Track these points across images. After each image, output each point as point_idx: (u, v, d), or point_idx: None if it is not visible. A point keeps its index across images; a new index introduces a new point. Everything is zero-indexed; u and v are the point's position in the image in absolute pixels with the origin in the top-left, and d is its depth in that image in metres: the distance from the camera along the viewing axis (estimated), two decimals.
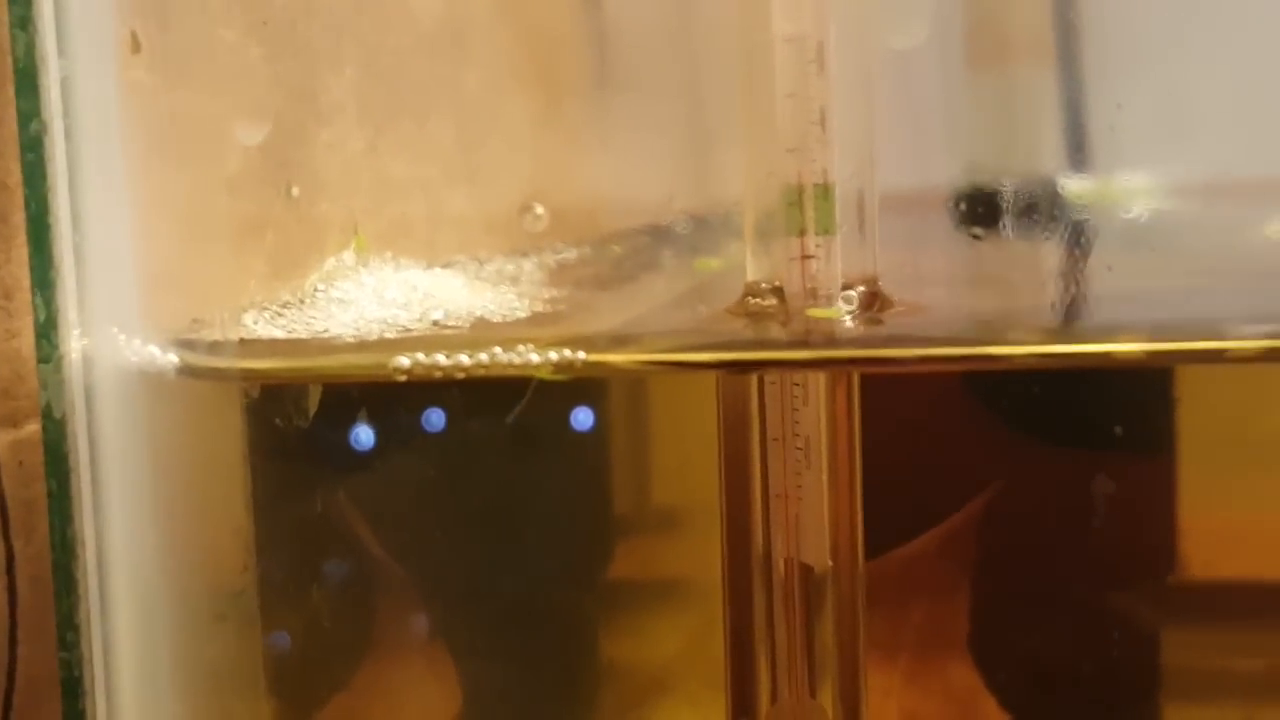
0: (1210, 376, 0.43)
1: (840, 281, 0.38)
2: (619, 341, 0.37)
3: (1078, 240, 0.51)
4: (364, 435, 0.42)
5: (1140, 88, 0.53)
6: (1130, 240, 0.52)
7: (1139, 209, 0.53)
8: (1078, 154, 0.55)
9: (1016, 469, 0.46)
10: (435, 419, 0.42)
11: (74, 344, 0.34)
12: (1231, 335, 0.34)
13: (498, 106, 0.49)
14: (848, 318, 0.37)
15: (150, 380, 0.35)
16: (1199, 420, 0.45)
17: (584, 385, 0.44)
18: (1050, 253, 0.50)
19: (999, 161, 0.53)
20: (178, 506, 0.37)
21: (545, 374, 0.34)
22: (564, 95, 0.52)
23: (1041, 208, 0.52)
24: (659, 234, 0.53)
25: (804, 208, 0.38)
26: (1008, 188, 0.52)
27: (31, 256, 0.34)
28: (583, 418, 0.44)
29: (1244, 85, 0.52)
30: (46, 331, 0.34)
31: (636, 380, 0.44)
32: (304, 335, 0.37)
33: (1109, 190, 0.54)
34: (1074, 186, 0.54)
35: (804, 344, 0.37)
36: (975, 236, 0.51)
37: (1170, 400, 0.45)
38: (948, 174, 0.52)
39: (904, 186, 0.44)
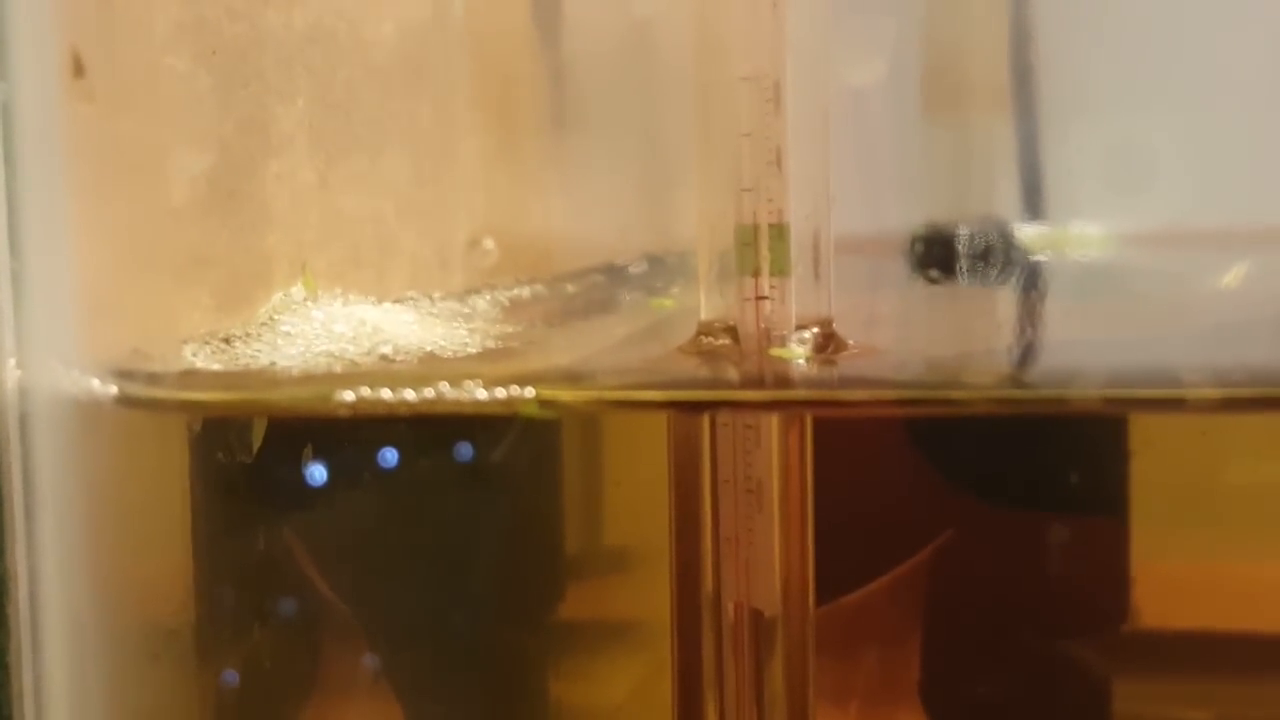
0: (1159, 429, 0.43)
1: (794, 322, 0.37)
2: (569, 379, 0.36)
3: (1032, 287, 0.52)
4: (309, 471, 0.41)
5: (1095, 137, 0.53)
6: (1084, 288, 0.52)
7: (1093, 257, 0.53)
8: (1033, 201, 0.55)
9: (968, 517, 0.46)
10: (381, 455, 0.42)
11: (10, 374, 0.33)
12: (1189, 382, 0.34)
13: (452, 142, 0.49)
14: (804, 359, 0.37)
15: (88, 412, 0.35)
16: (1150, 471, 0.45)
17: (536, 422, 0.43)
18: (1004, 299, 0.50)
19: (955, 207, 0.54)
20: (115, 542, 0.36)
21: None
22: (519, 132, 0.52)
23: (996, 254, 0.52)
24: (614, 273, 0.52)
25: (759, 248, 0.37)
26: (963, 233, 0.52)
27: None
28: (533, 454, 0.43)
29: (1197, 136, 0.52)
30: None
31: (587, 419, 0.44)
32: (247, 367, 0.37)
33: (1063, 238, 0.54)
34: (1029, 233, 0.54)
35: (758, 384, 0.37)
36: (931, 281, 0.51)
37: (1121, 452, 0.45)
38: (904, 219, 0.53)
39: (860, 231, 0.44)
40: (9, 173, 0.33)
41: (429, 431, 0.42)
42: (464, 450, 0.43)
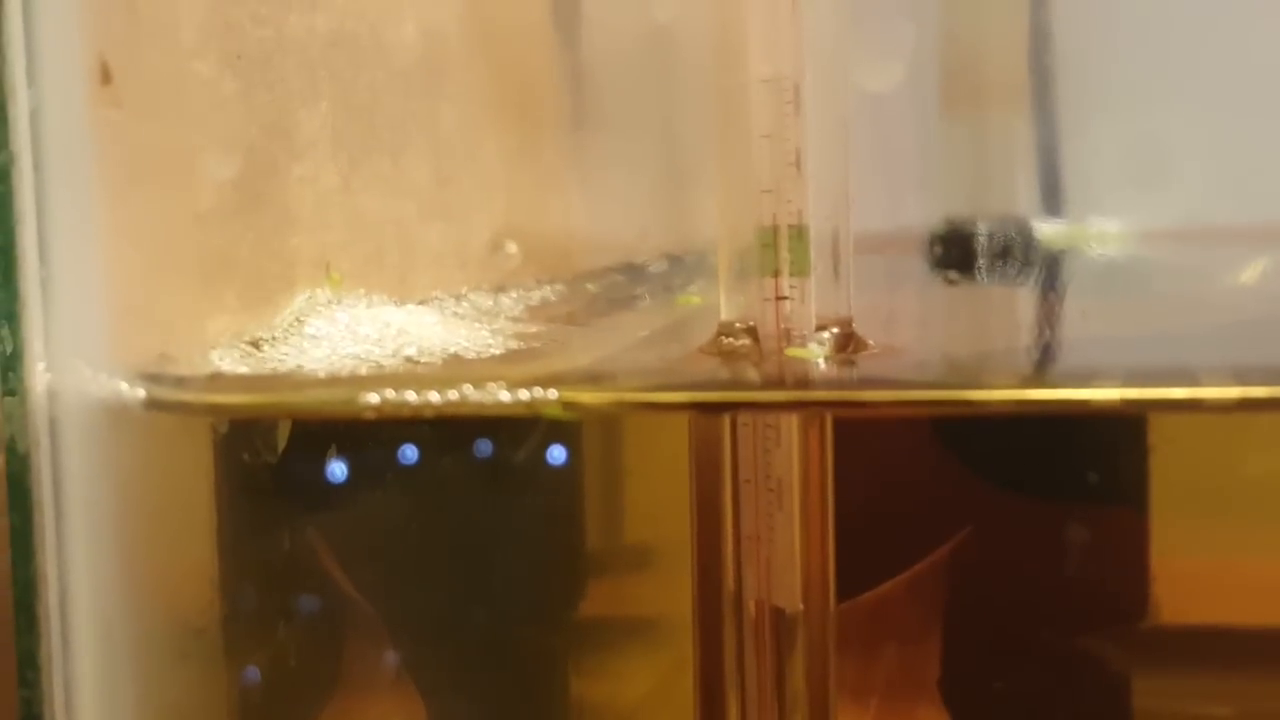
0: (1180, 424, 0.44)
1: (814, 322, 0.38)
2: (592, 380, 0.37)
3: (1051, 285, 0.52)
4: (333, 472, 0.41)
5: (1114, 134, 0.53)
6: (1103, 285, 0.52)
7: (1112, 254, 0.54)
8: (1052, 199, 0.55)
9: (988, 513, 0.46)
10: (404, 456, 0.42)
11: (39, 377, 0.34)
12: (1207, 382, 0.34)
13: (473, 144, 0.49)
14: (822, 359, 0.37)
15: (116, 415, 0.35)
16: (1169, 467, 0.45)
17: (558, 422, 0.44)
18: (1024, 297, 0.51)
19: (974, 206, 0.54)
20: (142, 543, 0.36)
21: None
22: (540, 134, 0.52)
23: (1015, 251, 0.52)
24: (633, 273, 0.53)
25: (778, 249, 0.37)
26: (982, 231, 0.52)
27: None
28: (556, 453, 0.44)
29: (1216, 133, 0.52)
30: (12, 365, 0.34)
31: (609, 419, 0.44)
32: (274, 371, 0.37)
33: (1082, 235, 0.54)
34: (1048, 231, 0.54)
35: (779, 385, 0.37)
36: (950, 280, 0.51)
37: (1141, 447, 0.45)
38: (923, 218, 0.53)
39: (880, 230, 0.44)
40: (38, 178, 0.33)
41: (453, 433, 0.42)
42: (486, 451, 0.43)
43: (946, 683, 0.45)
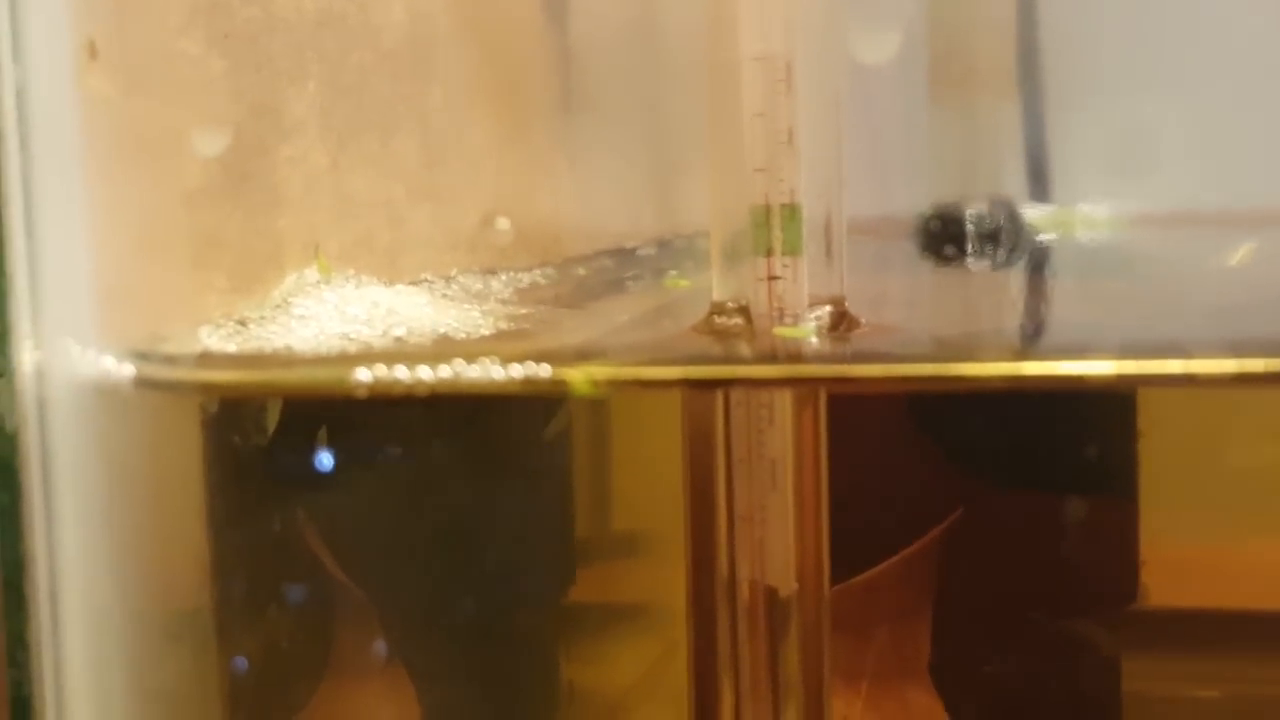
0: (1170, 407, 0.44)
1: (807, 302, 0.37)
2: (583, 356, 0.36)
3: (1039, 268, 0.52)
4: (323, 454, 0.41)
5: (1100, 119, 0.53)
6: (1090, 269, 0.52)
7: (1099, 238, 0.54)
8: (1038, 183, 0.55)
9: (980, 496, 0.46)
10: (394, 437, 0.42)
11: (27, 356, 0.33)
12: (1202, 357, 0.34)
13: (462, 126, 0.49)
14: (814, 337, 0.37)
15: (106, 394, 0.35)
16: (1158, 451, 0.45)
17: (549, 403, 0.44)
18: (1012, 280, 0.51)
19: (961, 190, 0.54)
20: (132, 523, 0.36)
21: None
22: (529, 116, 0.52)
23: (1004, 235, 0.52)
24: (623, 257, 0.53)
25: (771, 228, 0.37)
26: (971, 214, 0.52)
27: None
28: (548, 435, 0.44)
29: (1202, 118, 0.52)
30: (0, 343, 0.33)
31: (601, 398, 0.44)
32: (262, 349, 0.37)
33: (1069, 219, 0.55)
34: (1035, 215, 0.54)
35: (771, 360, 0.37)
36: (942, 260, 0.51)
37: (1131, 431, 0.45)
38: (911, 201, 0.53)
39: (868, 213, 0.44)
40: (24, 156, 0.33)
41: (443, 413, 0.42)
42: (477, 433, 0.43)
43: (937, 665, 0.46)
